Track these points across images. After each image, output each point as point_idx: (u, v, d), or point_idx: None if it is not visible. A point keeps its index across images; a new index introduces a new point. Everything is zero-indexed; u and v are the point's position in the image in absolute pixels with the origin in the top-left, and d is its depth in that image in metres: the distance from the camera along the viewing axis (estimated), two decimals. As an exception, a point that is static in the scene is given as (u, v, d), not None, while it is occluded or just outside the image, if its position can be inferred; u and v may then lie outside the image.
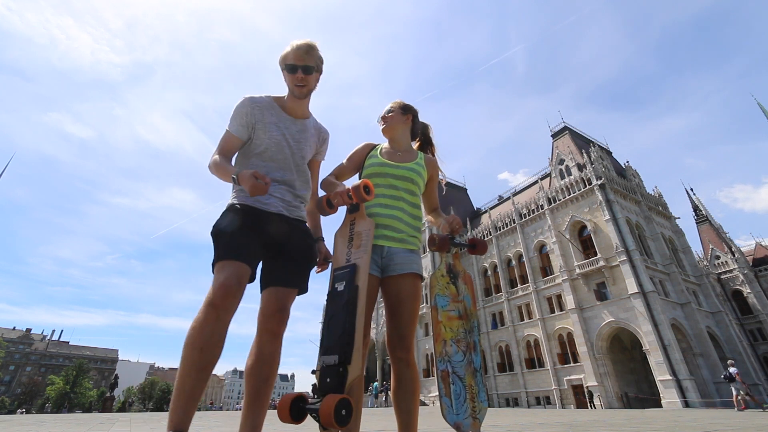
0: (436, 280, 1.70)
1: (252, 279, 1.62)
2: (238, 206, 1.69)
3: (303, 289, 1.77)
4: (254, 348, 1.62)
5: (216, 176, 1.71)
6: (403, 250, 1.82)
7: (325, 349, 1.44)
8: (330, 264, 1.96)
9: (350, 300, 1.46)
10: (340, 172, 2.04)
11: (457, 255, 1.75)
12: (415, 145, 2.22)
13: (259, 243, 1.66)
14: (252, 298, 1.64)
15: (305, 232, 1.84)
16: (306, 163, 1.92)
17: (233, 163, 1.82)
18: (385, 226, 1.85)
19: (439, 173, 2.11)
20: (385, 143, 2.13)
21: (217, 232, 1.62)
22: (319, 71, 1.82)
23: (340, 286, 1.53)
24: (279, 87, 1.77)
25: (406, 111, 2.12)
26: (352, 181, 1.84)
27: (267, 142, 1.77)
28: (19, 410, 49.73)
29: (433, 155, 2.20)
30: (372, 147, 2.10)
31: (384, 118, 2.10)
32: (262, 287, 1.72)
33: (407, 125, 2.11)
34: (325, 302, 1.60)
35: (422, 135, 2.24)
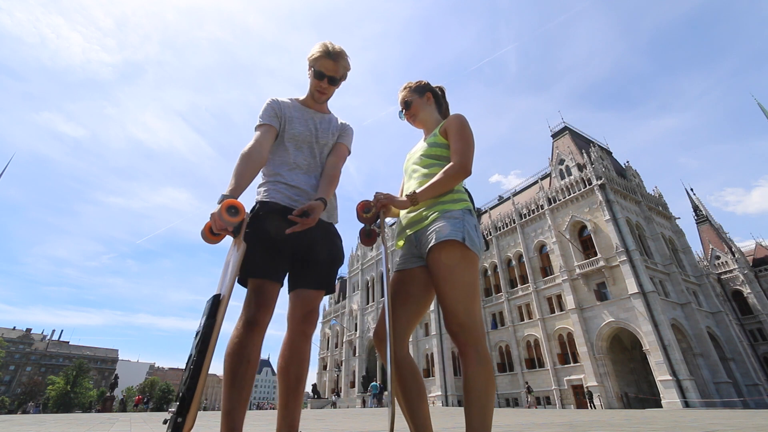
0: None
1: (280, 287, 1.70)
2: (266, 203, 1.74)
3: (330, 289, 1.79)
4: (286, 349, 1.66)
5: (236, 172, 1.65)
6: (423, 229, 1.67)
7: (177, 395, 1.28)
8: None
9: (203, 338, 1.30)
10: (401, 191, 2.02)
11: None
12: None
13: (288, 253, 1.70)
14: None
15: (333, 233, 1.87)
16: (327, 152, 1.96)
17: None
18: (406, 213, 1.81)
19: (456, 124, 1.77)
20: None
21: (248, 246, 1.62)
22: (344, 79, 1.94)
23: (201, 321, 1.37)
24: (274, 86, 1.85)
25: (423, 92, 1.99)
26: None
27: (293, 132, 1.88)
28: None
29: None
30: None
31: (408, 114, 1.99)
32: (291, 288, 1.76)
33: (430, 104, 2.00)
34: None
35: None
